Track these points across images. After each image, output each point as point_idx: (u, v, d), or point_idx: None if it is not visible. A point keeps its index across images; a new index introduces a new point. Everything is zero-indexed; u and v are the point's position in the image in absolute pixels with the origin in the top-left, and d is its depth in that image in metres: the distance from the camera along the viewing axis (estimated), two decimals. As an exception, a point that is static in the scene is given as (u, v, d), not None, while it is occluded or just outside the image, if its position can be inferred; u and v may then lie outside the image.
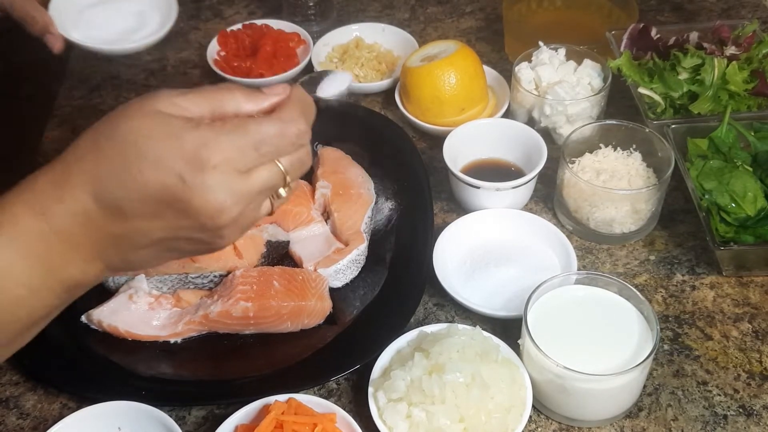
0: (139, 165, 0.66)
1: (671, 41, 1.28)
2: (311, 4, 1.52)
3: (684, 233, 1.17)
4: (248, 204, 0.70)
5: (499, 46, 1.50)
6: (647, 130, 1.16)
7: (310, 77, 0.83)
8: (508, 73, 1.31)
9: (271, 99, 0.73)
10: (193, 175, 0.66)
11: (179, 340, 1.04)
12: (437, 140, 1.25)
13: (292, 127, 0.71)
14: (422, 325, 1.00)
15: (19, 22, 1.20)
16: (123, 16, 1.34)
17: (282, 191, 0.74)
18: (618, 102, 1.32)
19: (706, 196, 1.09)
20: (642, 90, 1.22)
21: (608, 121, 1.20)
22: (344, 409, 0.92)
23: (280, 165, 0.71)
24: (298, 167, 0.73)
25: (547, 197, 1.22)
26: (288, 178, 0.73)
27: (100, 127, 0.69)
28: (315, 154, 1.26)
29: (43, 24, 1.20)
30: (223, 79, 1.42)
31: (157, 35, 1.39)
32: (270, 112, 0.73)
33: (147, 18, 1.39)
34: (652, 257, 1.14)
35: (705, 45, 1.25)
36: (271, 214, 0.75)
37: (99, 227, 0.68)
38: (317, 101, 0.75)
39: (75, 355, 1.01)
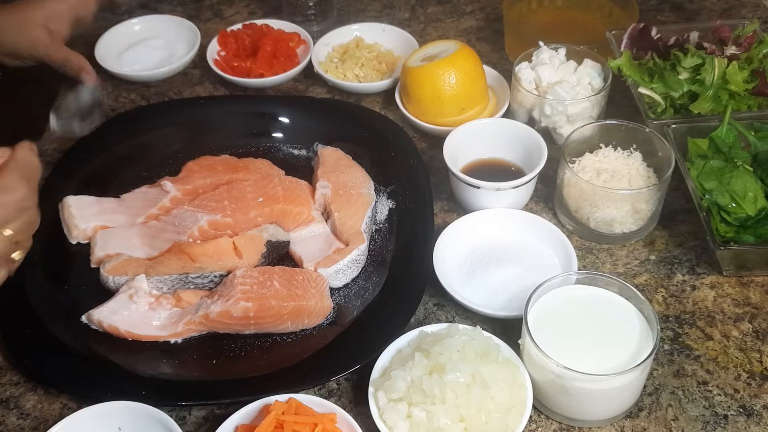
0: None
1: (671, 41, 1.28)
2: (311, 4, 1.52)
3: (684, 233, 1.17)
4: None
5: (499, 46, 1.50)
6: (647, 130, 1.16)
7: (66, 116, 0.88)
8: (508, 73, 1.31)
9: None
10: None
11: (179, 340, 1.03)
12: (437, 140, 1.24)
13: (14, 194, 0.73)
14: (422, 325, 1.00)
15: (56, 66, 1.32)
16: (154, 50, 1.50)
17: (15, 255, 0.76)
18: (618, 102, 1.32)
19: (707, 196, 1.09)
20: (642, 90, 1.22)
21: (608, 121, 1.20)
22: (344, 409, 0.92)
23: (7, 233, 0.73)
24: (26, 229, 0.76)
25: (548, 197, 1.22)
26: (18, 243, 0.75)
27: None
28: (315, 154, 1.26)
29: (78, 65, 1.32)
30: (223, 79, 1.42)
31: (189, 56, 1.48)
32: None
33: (175, 46, 1.51)
34: (652, 257, 1.14)
35: (705, 45, 1.25)
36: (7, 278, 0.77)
37: None
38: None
39: (75, 355, 1.01)
